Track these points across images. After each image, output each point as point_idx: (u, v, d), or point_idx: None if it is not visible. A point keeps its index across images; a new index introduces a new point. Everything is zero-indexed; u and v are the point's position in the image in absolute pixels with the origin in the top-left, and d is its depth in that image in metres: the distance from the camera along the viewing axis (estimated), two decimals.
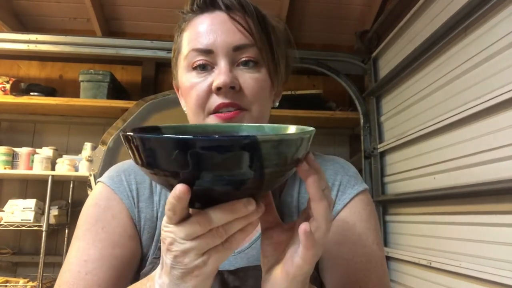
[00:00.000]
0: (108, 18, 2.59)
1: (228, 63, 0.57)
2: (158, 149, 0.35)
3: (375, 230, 0.62)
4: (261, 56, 0.58)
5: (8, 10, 2.46)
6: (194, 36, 0.59)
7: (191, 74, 0.59)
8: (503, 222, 1.19)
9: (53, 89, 2.56)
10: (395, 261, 1.88)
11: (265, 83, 0.59)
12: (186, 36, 0.61)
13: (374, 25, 2.29)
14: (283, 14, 2.43)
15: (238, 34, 0.57)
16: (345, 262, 0.58)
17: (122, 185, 0.64)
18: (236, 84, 0.56)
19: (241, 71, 0.58)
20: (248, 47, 0.58)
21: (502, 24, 1.21)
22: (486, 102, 1.23)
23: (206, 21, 0.59)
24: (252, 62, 0.58)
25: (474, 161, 1.32)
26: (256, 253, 0.62)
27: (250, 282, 0.59)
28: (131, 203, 0.63)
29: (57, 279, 0.57)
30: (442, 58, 1.55)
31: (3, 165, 2.26)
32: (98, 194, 0.63)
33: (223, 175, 0.34)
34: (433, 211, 1.59)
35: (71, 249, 0.59)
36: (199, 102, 0.58)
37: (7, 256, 2.44)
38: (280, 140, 0.35)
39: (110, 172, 0.66)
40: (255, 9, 0.60)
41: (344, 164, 0.68)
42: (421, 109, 1.69)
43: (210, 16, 0.59)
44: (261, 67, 0.59)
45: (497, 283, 1.16)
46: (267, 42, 0.60)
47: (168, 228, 0.39)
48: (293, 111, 2.42)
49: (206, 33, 0.58)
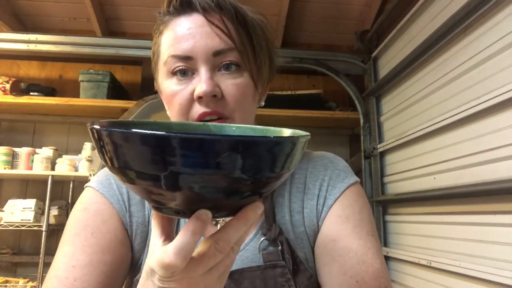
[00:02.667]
0: (108, 18, 2.59)
1: (208, 69, 0.55)
2: (135, 146, 0.30)
3: (369, 221, 0.62)
4: (242, 60, 0.57)
5: (8, 10, 2.46)
6: (172, 42, 0.57)
7: (171, 80, 0.58)
8: (503, 222, 1.19)
9: (53, 89, 2.56)
10: (395, 261, 1.88)
11: (248, 88, 0.58)
12: (164, 40, 0.59)
13: (374, 25, 2.29)
14: (283, 14, 2.43)
15: (217, 38, 0.56)
16: (341, 258, 0.58)
17: (111, 189, 0.62)
18: (217, 92, 0.55)
19: (223, 77, 0.56)
20: (228, 51, 0.56)
21: (502, 24, 1.21)
22: (486, 102, 1.23)
23: (184, 25, 0.57)
24: (233, 66, 0.57)
25: (474, 161, 1.32)
26: (251, 254, 0.61)
27: (245, 284, 0.58)
28: (121, 207, 0.61)
29: (43, 286, 0.55)
30: (442, 58, 1.55)
31: (3, 165, 2.26)
32: (88, 199, 0.62)
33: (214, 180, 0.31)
34: (433, 211, 1.59)
35: (58, 254, 0.57)
36: (181, 111, 0.57)
37: (7, 256, 2.44)
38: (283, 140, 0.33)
39: (99, 177, 0.64)
40: (234, 9, 0.58)
41: (333, 159, 0.68)
42: (421, 109, 1.69)
43: (188, 19, 0.57)
44: (243, 71, 0.58)
45: (497, 283, 1.16)
46: (249, 44, 0.58)
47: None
48: (293, 111, 2.41)
49: (184, 38, 0.56)
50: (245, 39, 0.58)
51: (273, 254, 0.60)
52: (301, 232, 0.64)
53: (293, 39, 2.70)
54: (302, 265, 0.62)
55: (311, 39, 2.73)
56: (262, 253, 0.60)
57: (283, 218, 0.64)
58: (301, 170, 0.66)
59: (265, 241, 0.61)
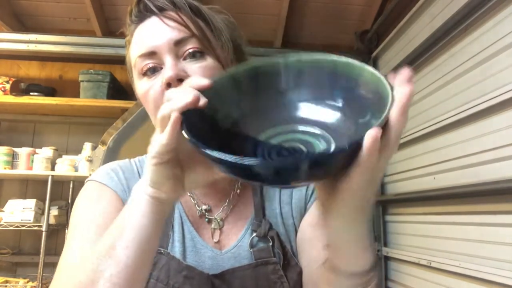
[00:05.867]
0: (108, 18, 2.59)
1: (172, 58, 0.57)
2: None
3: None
4: (203, 45, 0.59)
5: (8, 10, 2.46)
6: (137, 44, 0.60)
7: (142, 80, 0.60)
8: (503, 222, 1.19)
9: (53, 89, 2.56)
10: (395, 261, 1.88)
11: (214, 70, 0.59)
12: (132, 47, 0.62)
13: (374, 25, 2.29)
14: (283, 14, 2.43)
15: (175, 30, 0.58)
16: (320, 244, 0.59)
17: (114, 180, 0.64)
18: (183, 76, 0.56)
19: (189, 63, 0.58)
20: (188, 38, 0.58)
21: (502, 24, 1.21)
22: (486, 102, 1.23)
23: (145, 28, 0.60)
24: (197, 52, 0.58)
25: (474, 161, 1.32)
26: (243, 251, 0.63)
27: (236, 284, 0.59)
28: (124, 192, 0.63)
29: (56, 275, 0.53)
30: (442, 58, 1.55)
31: (3, 165, 2.26)
32: (90, 191, 0.64)
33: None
34: (433, 211, 1.59)
35: (68, 249, 0.56)
36: (155, 104, 0.58)
37: (7, 256, 2.44)
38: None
39: (99, 171, 0.67)
40: (188, 3, 0.61)
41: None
42: (421, 109, 1.69)
43: (148, 22, 0.60)
44: (207, 55, 0.59)
45: (497, 283, 1.16)
46: (208, 29, 0.61)
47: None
48: None
49: (146, 38, 0.59)
50: (203, 26, 0.61)
51: (264, 251, 0.62)
52: (291, 224, 0.67)
53: (293, 39, 2.69)
54: (292, 259, 0.63)
55: (311, 39, 2.73)
56: (253, 251, 0.62)
57: (273, 211, 0.66)
58: None
59: (255, 238, 0.63)
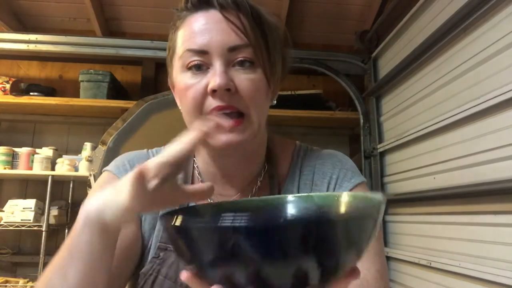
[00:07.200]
0: (108, 18, 2.59)
1: (223, 64, 0.56)
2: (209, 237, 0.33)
3: None
4: (256, 56, 0.57)
5: (8, 10, 2.46)
6: (188, 36, 0.58)
7: (186, 74, 0.58)
8: (503, 222, 1.19)
9: (53, 89, 2.56)
10: (395, 261, 1.88)
11: (261, 84, 0.58)
12: (181, 35, 0.60)
13: (374, 25, 2.29)
14: (283, 14, 2.43)
15: (233, 34, 0.56)
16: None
17: (127, 172, 0.64)
18: (231, 86, 0.55)
19: (237, 72, 0.57)
20: (243, 47, 0.56)
21: (502, 24, 1.21)
22: (486, 102, 1.23)
23: (201, 20, 0.58)
24: (247, 62, 0.57)
25: (474, 161, 1.32)
26: None
27: None
28: None
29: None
30: (442, 58, 1.55)
31: (3, 165, 2.25)
32: (102, 182, 0.65)
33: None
34: (433, 211, 1.59)
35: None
36: (195, 104, 0.57)
37: (7, 256, 2.44)
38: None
39: (116, 162, 0.67)
40: (250, 7, 0.59)
41: (342, 158, 0.69)
42: (421, 109, 1.69)
43: (205, 15, 0.58)
44: (257, 67, 0.58)
45: (497, 283, 1.16)
46: (263, 41, 0.59)
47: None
48: (293, 111, 2.41)
49: (200, 33, 0.57)
50: (260, 36, 0.59)
51: None
52: None
53: (293, 39, 2.68)
54: None
55: (311, 39, 2.73)
56: None
57: None
58: (309, 167, 0.67)
59: None
